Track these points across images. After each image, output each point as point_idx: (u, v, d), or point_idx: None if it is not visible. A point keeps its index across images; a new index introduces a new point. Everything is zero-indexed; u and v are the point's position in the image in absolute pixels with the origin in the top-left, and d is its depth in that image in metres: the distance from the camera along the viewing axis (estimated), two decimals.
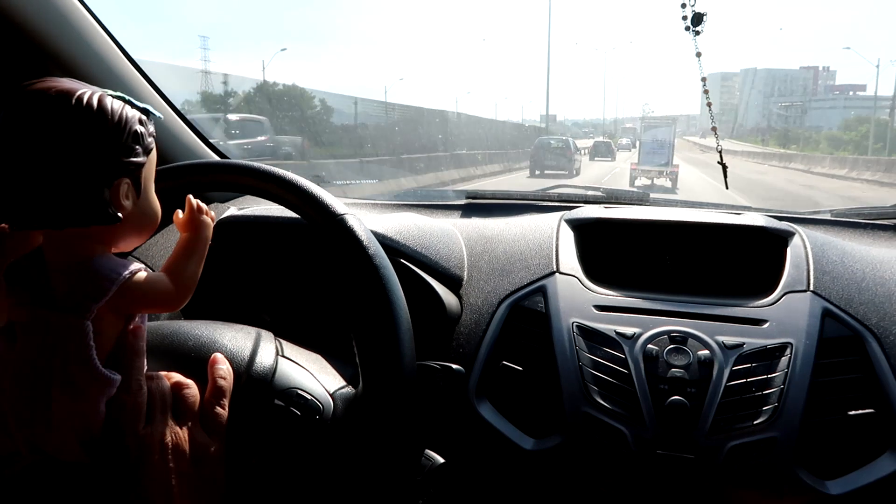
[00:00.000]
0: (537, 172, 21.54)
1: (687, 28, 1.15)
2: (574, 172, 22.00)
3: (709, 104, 1.32)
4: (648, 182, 17.47)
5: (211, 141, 1.34)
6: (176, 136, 1.24)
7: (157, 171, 0.81)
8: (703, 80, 1.20)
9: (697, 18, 1.12)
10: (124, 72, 1.10)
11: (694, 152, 40.90)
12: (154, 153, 0.65)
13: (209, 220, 0.71)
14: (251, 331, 0.80)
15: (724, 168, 1.36)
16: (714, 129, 1.41)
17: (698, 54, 1.16)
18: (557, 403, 0.93)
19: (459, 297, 1.08)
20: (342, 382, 0.78)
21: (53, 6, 0.97)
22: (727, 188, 1.46)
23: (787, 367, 0.89)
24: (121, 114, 0.59)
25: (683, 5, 1.11)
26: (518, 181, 19.77)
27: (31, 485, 0.62)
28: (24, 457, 0.61)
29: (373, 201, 1.52)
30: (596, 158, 32.98)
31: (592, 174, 22.30)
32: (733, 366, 0.90)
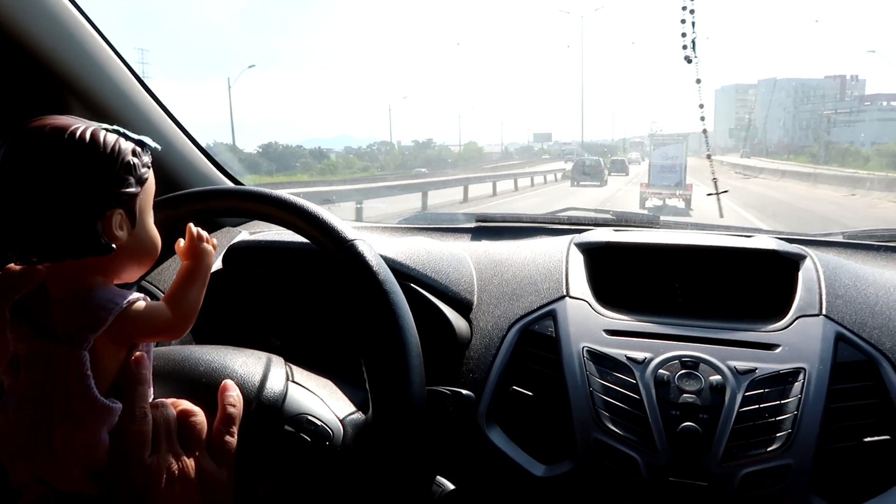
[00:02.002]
0: (577, 183, 26.95)
1: (686, 59, 1.16)
2: (604, 182, 27.12)
3: (704, 130, 1.33)
4: (660, 203, 16.52)
5: (224, 167, 1.36)
6: (190, 162, 1.25)
7: (167, 200, 0.82)
8: (701, 106, 1.21)
9: (696, 46, 1.13)
10: (137, 100, 1.12)
11: (731, 177, 27.52)
12: (151, 183, 0.66)
13: (210, 248, 0.72)
14: (261, 356, 0.80)
15: (718, 194, 1.37)
16: (709, 156, 1.43)
17: (698, 81, 1.17)
18: (568, 429, 0.92)
19: (469, 321, 1.08)
20: (352, 408, 0.78)
21: (70, 37, 0.99)
22: (721, 216, 1.47)
23: (801, 393, 0.88)
24: (113, 146, 0.61)
25: (684, 34, 1.12)
26: (563, 187, 26.31)
27: None
28: (32, 488, 0.62)
29: (383, 225, 1.53)
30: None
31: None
32: (746, 391, 0.89)
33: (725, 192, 1.39)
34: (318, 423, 0.73)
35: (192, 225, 0.72)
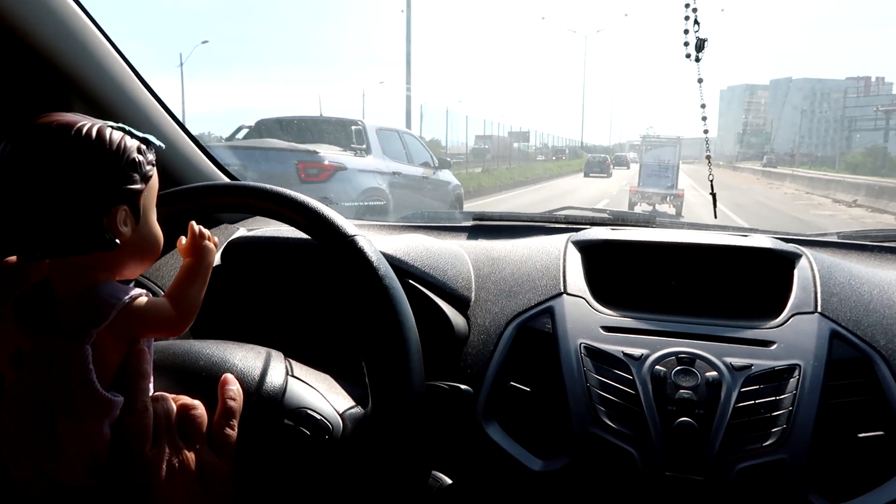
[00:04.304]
0: (589, 174, 33.61)
1: (688, 55, 1.16)
2: (610, 174, 33.87)
3: (705, 131, 1.34)
4: (650, 208, 15.48)
5: (223, 164, 1.36)
6: (189, 159, 1.26)
7: (167, 195, 0.83)
8: (703, 106, 1.22)
9: (700, 45, 1.14)
10: (139, 97, 1.13)
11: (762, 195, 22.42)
12: (155, 181, 0.66)
13: (212, 245, 0.72)
14: (261, 350, 0.80)
15: (714, 196, 1.39)
16: (708, 157, 1.44)
17: (700, 80, 1.18)
18: (565, 424, 0.93)
19: (467, 317, 1.09)
20: (351, 402, 0.79)
21: (73, 35, 1.00)
22: (715, 217, 1.48)
23: (796, 389, 0.89)
24: (119, 143, 0.61)
25: (686, 31, 1.13)
26: (578, 178, 32.57)
27: None
28: (34, 484, 0.62)
29: (380, 223, 1.53)
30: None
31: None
32: (741, 387, 0.90)
33: (713, 194, 1.40)
34: (318, 416, 0.74)
35: (193, 222, 0.72)
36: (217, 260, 1.17)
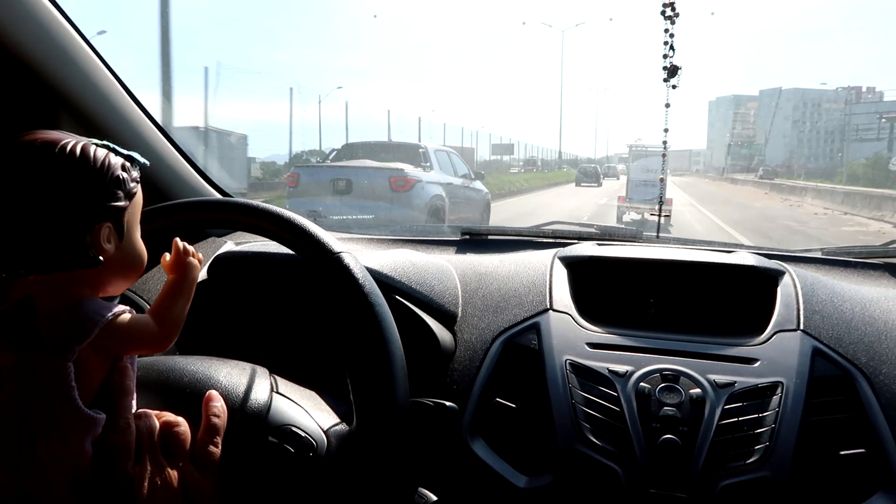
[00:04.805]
0: (580, 184, 33.64)
1: (666, 79, 1.19)
2: (600, 184, 33.78)
3: (663, 155, 1.41)
4: (639, 217, 15.57)
5: (214, 179, 1.36)
6: (178, 174, 1.26)
7: (154, 210, 0.83)
8: (666, 131, 1.27)
9: (672, 71, 1.16)
10: (127, 113, 1.13)
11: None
12: (139, 197, 0.67)
13: (196, 261, 0.72)
14: (246, 367, 0.80)
15: (660, 216, 1.47)
16: (662, 179, 1.53)
17: (667, 105, 1.21)
18: (551, 441, 0.93)
19: (454, 333, 1.09)
20: (336, 419, 0.79)
21: (61, 50, 1.00)
22: (657, 236, 1.53)
23: (779, 406, 0.90)
24: (103, 161, 0.62)
25: (665, 55, 1.15)
26: (569, 188, 31.99)
27: None
28: (13, 502, 0.61)
29: (368, 236, 1.54)
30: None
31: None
32: (725, 404, 0.90)
33: (667, 216, 1.49)
34: (303, 434, 0.74)
35: (178, 239, 0.72)
36: (203, 274, 1.17)
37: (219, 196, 1.37)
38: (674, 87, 1.18)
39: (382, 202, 8.40)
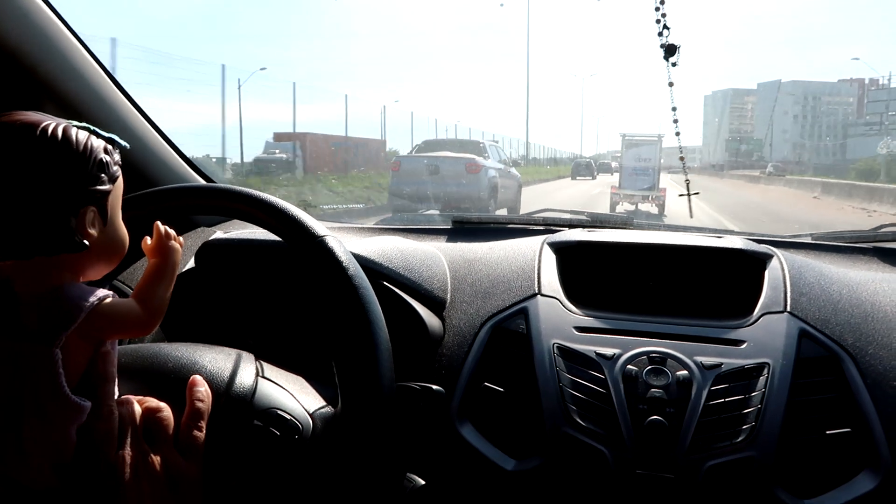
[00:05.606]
0: (575, 177, 37.45)
1: (665, 57, 1.18)
2: (595, 177, 37.86)
3: (677, 133, 1.37)
4: (632, 208, 15.40)
5: (198, 165, 1.36)
6: (162, 159, 1.25)
7: (139, 197, 0.83)
8: (674, 109, 1.24)
9: (670, 49, 1.15)
10: (108, 96, 1.12)
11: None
12: (120, 181, 0.66)
13: (178, 245, 0.72)
14: (231, 352, 0.80)
15: (689, 195, 1.42)
16: (682, 158, 1.48)
17: (671, 84, 1.19)
18: (538, 424, 0.93)
19: (443, 319, 1.09)
20: (322, 402, 0.79)
21: (41, 33, 0.99)
22: (691, 217, 1.51)
23: (765, 387, 0.90)
24: (85, 144, 0.61)
25: (660, 33, 1.14)
26: (566, 181, 33.67)
27: None
28: None
29: (358, 226, 1.54)
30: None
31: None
32: (712, 386, 0.91)
33: (696, 193, 1.43)
34: (288, 416, 0.74)
35: (158, 223, 0.72)
36: (191, 262, 1.17)
37: (202, 182, 1.37)
38: (674, 64, 1.16)
39: (461, 180, 11.73)
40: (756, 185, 32.62)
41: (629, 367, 0.93)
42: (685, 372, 0.92)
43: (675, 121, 1.30)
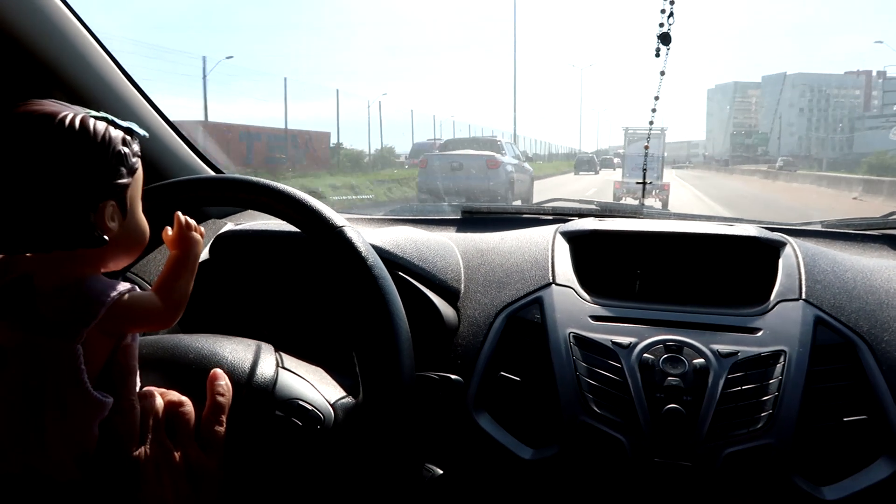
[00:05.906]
0: (578, 172, 38.15)
1: (664, 44, 1.17)
2: (597, 172, 38.50)
3: (651, 122, 1.39)
4: (635, 202, 15.83)
5: (208, 156, 1.35)
6: (173, 152, 1.25)
7: (156, 189, 0.82)
8: (657, 98, 1.24)
9: (665, 38, 1.14)
10: (119, 87, 1.11)
11: None
12: (140, 173, 0.65)
13: (198, 236, 0.71)
14: (251, 343, 0.80)
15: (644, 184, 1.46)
16: (646, 147, 1.50)
17: (662, 73, 1.19)
18: (555, 413, 0.93)
19: (457, 309, 1.09)
20: (342, 393, 0.79)
21: (53, 25, 0.98)
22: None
23: (782, 375, 0.90)
24: (104, 135, 0.59)
25: (661, 24, 1.13)
26: (569, 177, 33.99)
27: None
28: (18, 477, 0.61)
29: (369, 216, 1.53)
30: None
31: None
32: (728, 374, 0.91)
33: (651, 182, 1.46)
34: (309, 407, 0.74)
35: (179, 214, 0.71)
36: (206, 254, 1.17)
37: (215, 173, 1.36)
38: (658, 54, 1.15)
39: (483, 175, 12.92)
40: (775, 182, 29.13)
41: (645, 355, 0.93)
42: (701, 360, 0.92)
43: (654, 110, 1.31)
